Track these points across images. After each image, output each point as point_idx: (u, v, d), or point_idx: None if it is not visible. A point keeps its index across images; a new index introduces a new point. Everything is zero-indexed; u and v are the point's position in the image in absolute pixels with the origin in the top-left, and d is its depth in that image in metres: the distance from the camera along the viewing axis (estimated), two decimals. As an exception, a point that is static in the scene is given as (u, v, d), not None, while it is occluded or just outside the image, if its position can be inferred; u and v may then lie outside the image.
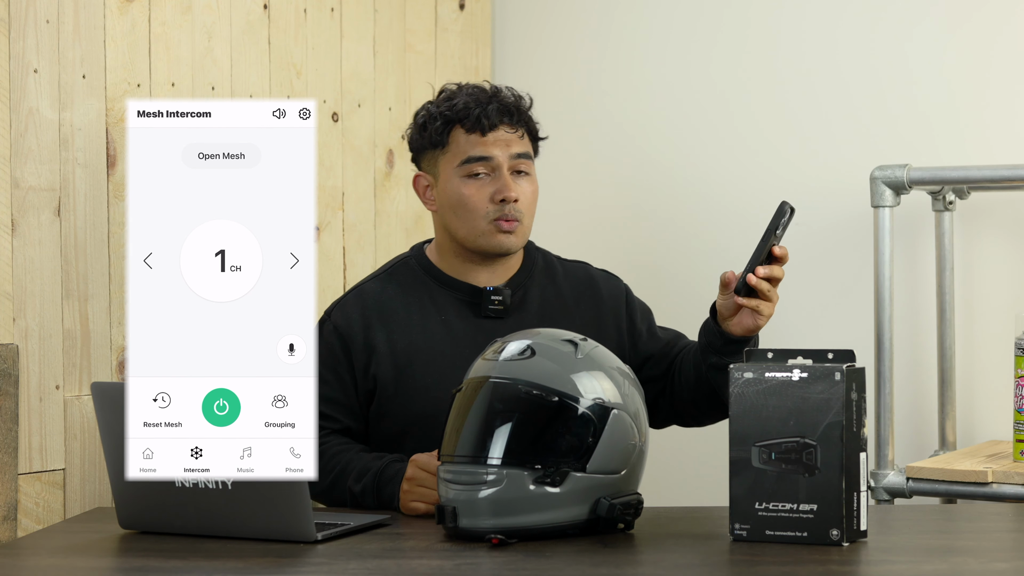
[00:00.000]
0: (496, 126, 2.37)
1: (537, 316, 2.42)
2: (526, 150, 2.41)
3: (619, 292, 2.50)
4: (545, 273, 2.48)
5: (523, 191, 2.39)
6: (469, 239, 2.39)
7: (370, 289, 2.46)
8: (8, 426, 2.33)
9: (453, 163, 2.39)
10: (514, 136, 2.39)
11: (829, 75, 3.03)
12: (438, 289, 2.43)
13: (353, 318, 2.42)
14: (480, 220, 2.38)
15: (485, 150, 2.37)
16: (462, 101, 2.38)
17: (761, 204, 3.09)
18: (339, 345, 2.41)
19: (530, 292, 2.45)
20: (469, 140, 2.38)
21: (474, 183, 2.38)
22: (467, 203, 2.38)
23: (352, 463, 2.32)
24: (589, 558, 1.88)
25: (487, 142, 2.37)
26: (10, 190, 2.35)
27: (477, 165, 2.37)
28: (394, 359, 2.39)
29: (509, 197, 2.36)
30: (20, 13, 2.36)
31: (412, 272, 2.46)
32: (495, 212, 2.37)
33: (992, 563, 1.86)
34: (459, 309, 2.41)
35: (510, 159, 2.38)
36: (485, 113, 2.37)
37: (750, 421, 1.94)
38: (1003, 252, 2.88)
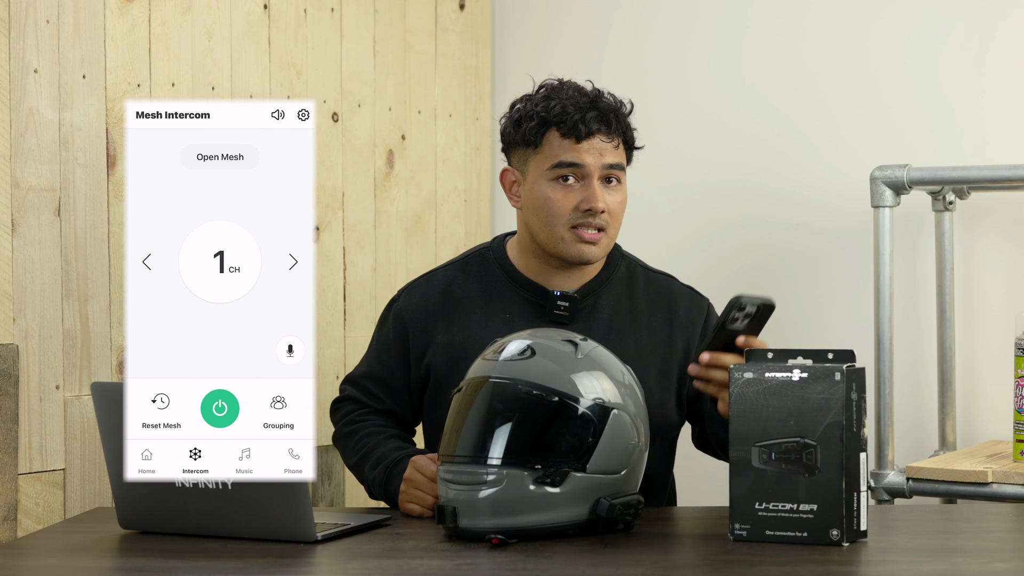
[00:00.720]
0: (592, 134, 2.31)
1: (605, 326, 2.36)
2: (619, 160, 2.34)
3: (698, 312, 2.43)
4: (624, 282, 2.42)
5: (611, 201, 2.32)
6: (549, 243, 2.34)
7: (440, 277, 2.43)
8: (8, 426, 2.33)
9: (544, 165, 2.33)
10: (609, 145, 2.32)
11: (829, 75, 3.03)
12: (508, 285, 2.39)
13: (417, 305, 2.41)
14: (562, 226, 2.32)
15: (578, 157, 2.31)
16: (560, 104, 2.32)
17: (761, 205, 3.09)
18: (399, 330, 2.40)
19: (602, 300, 2.39)
20: (563, 145, 2.32)
21: (562, 188, 2.32)
22: (552, 207, 2.32)
23: (376, 448, 2.33)
24: (589, 558, 1.88)
25: (580, 149, 2.31)
26: (10, 190, 2.35)
27: (568, 171, 2.31)
28: (450, 351, 2.36)
29: (596, 208, 2.30)
30: (20, 13, 2.36)
31: (487, 264, 2.43)
32: (578, 219, 2.31)
33: (992, 563, 1.86)
34: (525, 309, 2.37)
35: (602, 169, 2.31)
36: (583, 120, 2.30)
37: (750, 421, 1.94)
38: (1003, 252, 2.88)
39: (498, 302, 2.38)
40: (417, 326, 2.39)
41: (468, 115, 3.26)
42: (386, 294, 3.04)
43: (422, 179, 3.13)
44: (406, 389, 2.42)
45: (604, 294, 2.39)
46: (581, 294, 2.37)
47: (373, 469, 2.31)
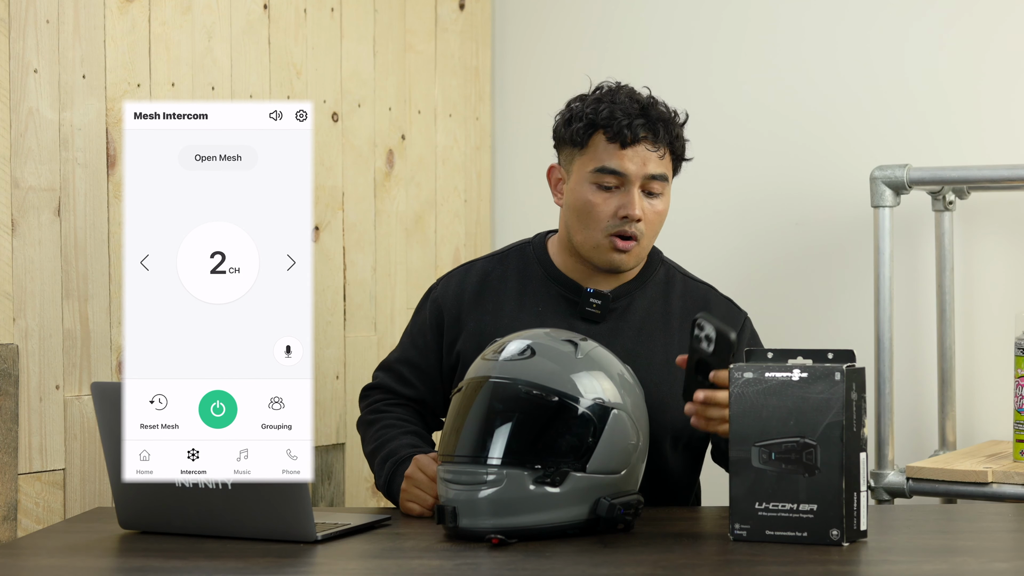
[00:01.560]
0: (638, 141, 2.30)
1: (636, 327, 2.37)
2: (663, 171, 2.33)
3: (733, 322, 2.41)
4: (661, 287, 2.42)
5: (649, 211, 2.32)
6: (584, 247, 2.35)
7: (479, 268, 2.46)
8: (8, 426, 2.33)
9: (587, 167, 2.33)
10: (654, 155, 2.31)
11: (829, 75, 3.03)
12: (543, 280, 2.40)
13: (453, 292, 2.43)
14: (598, 232, 2.32)
15: (620, 164, 2.30)
16: (609, 108, 2.31)
17: (761, 205, 3.09)
18: (435, 316, 2.43)
19: (636, 302, 2.39)
20: (607, 149, 2.31)
21: (602, 193, 2.32)
22: (590, 211, 2.32)
23: (390, 442, 2.35)
24: (589, 558, 1.88)
25: (624, 155, 2.30)
26: (10, 190, 2.35)
27: (609, 177, 2.31)
28: (479, 339, 2.35)
29: (632, 215, 2.30)
30: (20, 13, 2.36)
31: (525, 258, 2.44)
32: (614, 227, 2.31)
33: (992, 563, 1.86)
34: (557, 304, 2.38)
35: (643, 178, 2.31)
36: (629, 126, 2.30)
37: (750, 421, 1.94)
38: (1003, 252, 2.88)
39: (532, 295, 2.40)
40: (452, 313, 2.41)
41: (468, 115, 3.26)
42: (386, 294, 3.04)
43: (422, 179, 3.13)
44: (439, 375, 2.43)
45: (639, 296, 2.39)
46: (615, 295, 2.38)
47: (383, 463, 2.33)
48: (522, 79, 3.33)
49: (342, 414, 2.94)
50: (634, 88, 2.38)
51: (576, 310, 2.37)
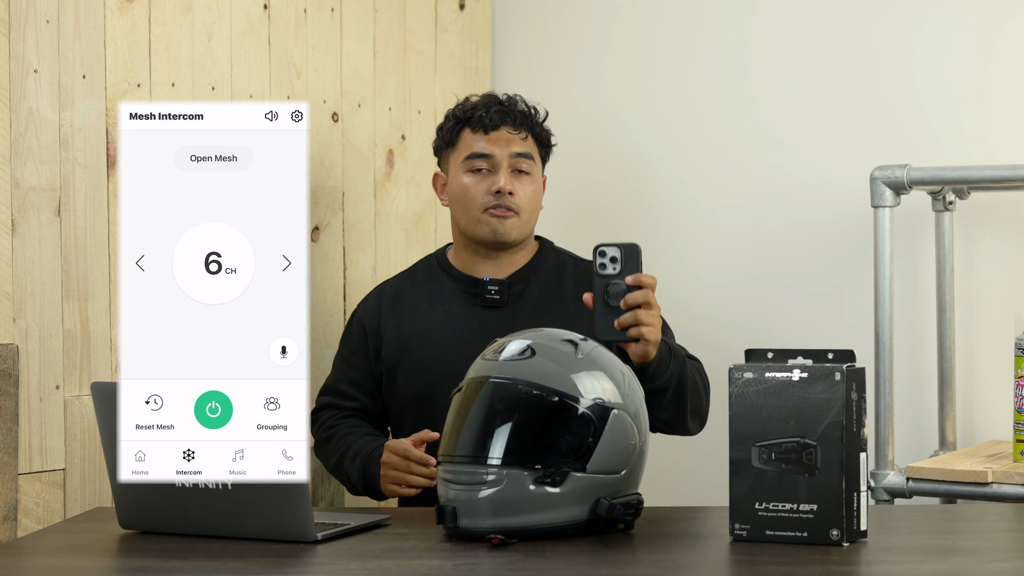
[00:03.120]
0: (498, 126, 2.57)
1: (534, 307, 2.57)
2: (527, 151, 2.58)
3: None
4: (553, 270, 2.63)
5: (520, 187, 2.56)
6: (468, 228, 2.57)
7: (390, 284, 2.68)
8: (8, 426, 2.33)
9: (459, 159, 2.59)
10: (516, 137, 2.58)
11: (828, 75, 3.03)
12: (447, 282, 2.62)
13: (372, 309, 2.64)
14: (476, 210, 2.55)
15: (486, 147, 2.57)
16: (472, 105, 2.60)
17: (761, 205, 3.09)
18: (360, 333, 2.64)
19: (531, 285, 2.60)
20: (474, 138, 2.58)
21: (475, 176, 2.57)
22: (467, 193, 2.56)
23: (353, 445, 2.51)
24: (589, 558, 1.88)
25: (489, 139, 2.57)
26: (10, 190, 2.35)
27: (478, 161, 2.56)
28: (398, 343, 2.59)
29: (504, 189, 2.54)
30: (20, 13, 2.36)
31: (430, 268, 2.67)
32: (490, 202, 2.55)
33: (992, 563, 1.86)
34: (462, 299, 2.59)
35: (510, 157, 2.57)
36: (487, 114, 2.57)
37: (750, 421, 1.94)
38: (1003, 252, 2.88)
39: (439, 296, 2.62)
40: (372, 326, 2.63)
41: (468, 115, 3.26)
42: (386, 294, 3.04)
43: (422, 179, 3.13)
44: (376, 386, 2.62)
45: (533, 280, 2.60)
46: (510, 281, 2.59)
47: (352, 463, 2.48)
48: (522, 79, 3.33)
49: (342, 414, 2.93)
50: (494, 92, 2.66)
51: (477, 300, 2.58)
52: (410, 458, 2.37)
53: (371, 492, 2.48)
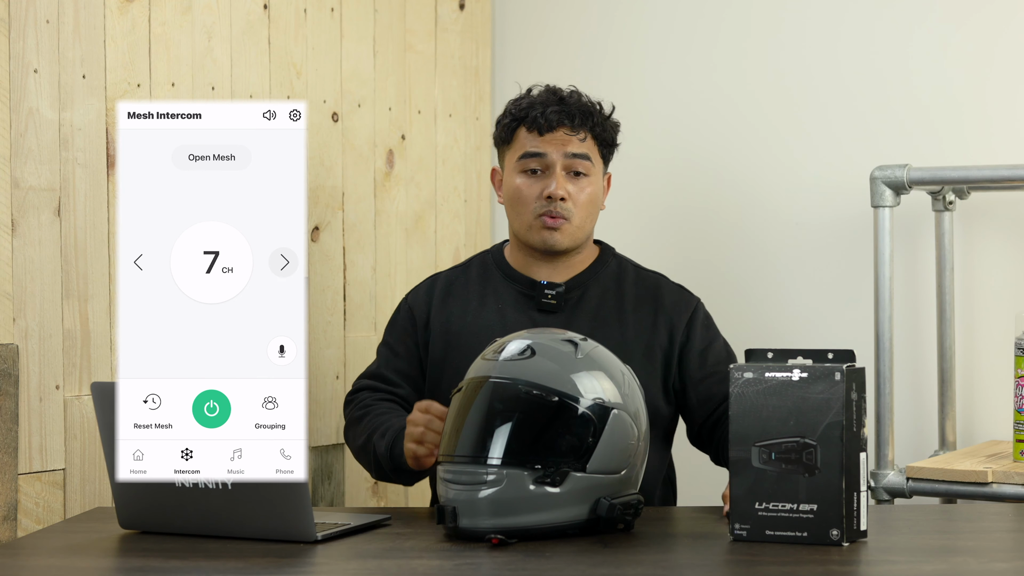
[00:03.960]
0: (555, 127, 2.45)
1: (591, 315, 2.46)
2: (584, 151, 2.46)
3: (685, 306, 2.50)
4: (613, 278, 2.52)
5: (575, 191, 2.45)
6: (520, 232, 2.49)
7: (443, 276, 2.59)
8: (8, 426, 2.33)
9: (514, 159, 2.48)
10: (573, 138, 2.45)
11: (829, 75, 3.03)
12: (502, 281, 2.52)
13: (423, 299, 2.55)
14: (528, 214, 2.45)
15: (539, 147, 2.45)
16: (528, 101, 2.48)
17: (761, 205, 3.09)
18: (409, 320, 2.54)
19: (590, 291, 2.49)
20: (529, 138, 2.46)
21: (528, 179, 2.46)
22: (519, 196, 2.46)
23: (385, 423, 2.39)
24: (589, 558, 1.88)
25: (543, 140, 2.45)
26: (10, 190, 2.35)
27: (531, 161, 2.45)
28: (446, 339, 2.49)
29: (555, 195, 2.43)
30: (20, 13, 2.36)
31: (485, 264, 2.57)
32: (542, 208, 2.44)
33: (992, 563, 1.86)
34: (517, 300, 2.49)
35: (564, 158, 2.44)
36: (544, 114, 2.45)
37: (750, 421, 1.94)
38: (1003, 252, 2.88)
39: (492, 295, 2.51)
40: (421, 317, 2.52)
41: (468, 115, 3.26)
42: (386, 294, 3.04)
43: (422, 179, 3.13)
44: (419, 375, 2.52)
45: (592, 287, 2.50)
46: (568, 285, 2.48)
47: (381, 439, 2.36)
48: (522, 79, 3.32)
49: (342, 414, 2.93)
50: (558, 86, 2.52)
51: (533, 303, 2.48)
52: (432, 412, 2.24)
53: (396, 471, 2.33)
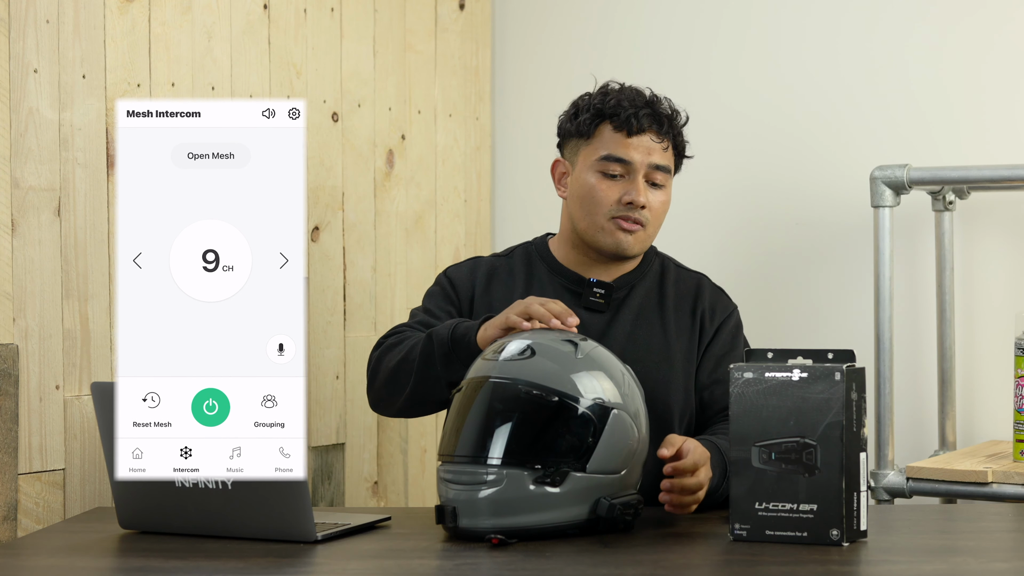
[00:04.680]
0: (643, 131, 2.37)
1: (634, 314, 2.42)
2: (666, 163, 2.39)
3: (722, 310, 2.47)
4: (657, 276, 2.48)
5: (653, 200, 2.38)
6: (589, 233, 2.40)
7: (486, 260, 2.51)
8: (8, 426, 2.32)
9: (593, 156, 2.39)
10: (658, 146, 2.38)
11: (829, 75, 3.03)
12: (547, 274, 2.46)
13: (465, 276, 2.47)
14: (603, 216, 2.37)
15: (626, 152, 2.37)
16: (616, 99, 2.39)
17: (761, 205, 3.09)
18: (449, 288, 2.45)
19: (635, 290, 2.45)
20: (614, 138, 2.38)
21: (607, 180, 2.37)
22: (596, 196, 2.37)
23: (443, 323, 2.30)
24: (589, 558, 1.88)
25: (630, 144, 2.37)
26: (10, 190, 2.34)
27: (615, 165, 2.37)
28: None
29: (637, 202, 2.36)
30: (20, 13, 2.36)
31: (529, 256, 2.49)
32: (619, 211, 2.37)
33: (992, 563, 1.86)
34: (561, 295, 2.42)
35: (648, 167, 2.37)
36: (636, 115, 2.37)
37: (750, 421, 1.94)
38: (1003, 252, 2.88)
39: (537, 288, 2.43)
40: (466, 293, 2.44)
41: (468, 115, 3.26)
42: (386, 294, 3.04)
43: (422, 179, 3.13)
44: None
45: (638, 286, 2.45)
46: (616, 284, 2.43)
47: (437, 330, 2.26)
48: (522, 79, 3.33)
49: (342, 414, 2.94)
50: (639, 87, 2.44)
51: (580, 300, 2.41)
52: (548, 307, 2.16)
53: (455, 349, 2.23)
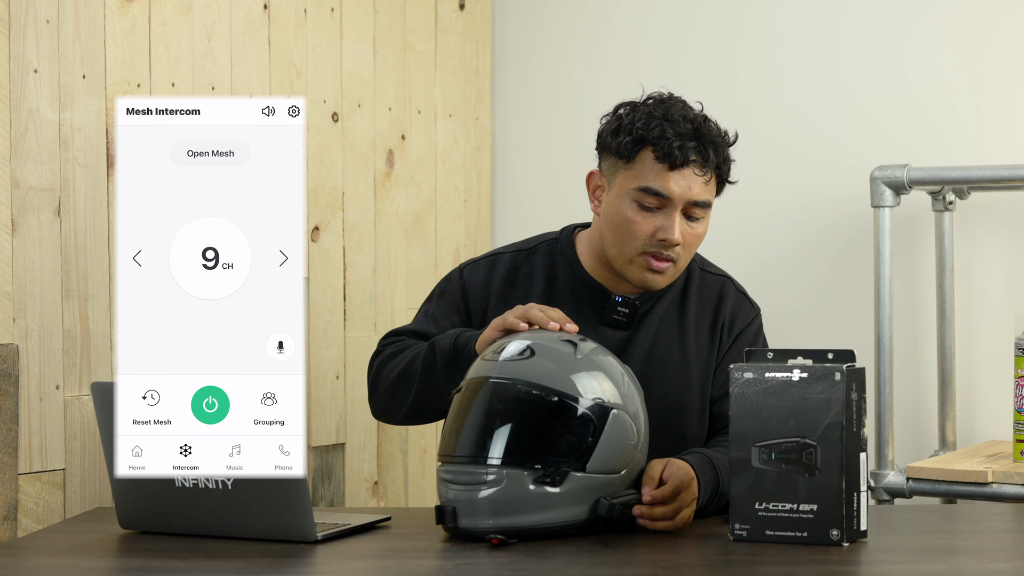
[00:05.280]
0: (687, 164, 2.23)
1: (654, 331, 2.34)
2: (707, 198, 2.26)
3: (743, 318, 2.40)
4: (680, 284, 2.38)
5: (688, 234, 2.27)
6: (617, 261, 2.29)
7: (506, 259, 2.40)
8: (8, 426, 2.32)
9: (631, 184, 2.26)
10: (700, 179, 2.24)
11: (829, 75, 3.03)
12: (570, 280, 2.36)
13: (481, 282, 2.38)
14: (633, 249, 2.26)
15: (665, 186, 2.23)
16: (661, 125, 2.24)
17: (761, 204, 3.09)
18: (460, 296, 2.38)
19: (658, 304, 2.35)
20: (654, 169, 2.24)
21: (643, 212, 2.25)
22: (628, 228, 2.26)
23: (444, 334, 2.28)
24: (589, 558, 1.88)
25: (670, 178, 2.23)
26: (10, 190, 2.34)
27: (652, 198, 2.24)
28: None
29: (671, 240, 2.24)
30: (20, 13, 2.36)
31: (553, 256, 2.39)
32: (650, 246, 2.25)
33: (992, 563, 1.86)
34: (583, 307, 2.33)
35: (686, 203, 2.25)
36: (681, 147, 2.22)
37: (750, 421, 1.94)
38: (1003, 252, 2.88)
39: (558, 297, 2.34)
40: (479, 303, 2.37)
41: (468, 115, 3.26)
42: (386, 294, 3.04)
43: (422, 179, 3.13)
44: None
45: (661, 300, 2.36)
46: (640, 300, 2.33)
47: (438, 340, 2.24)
48: (522, 79, 3.33)
49: (342, 414, 2.94)
50: (687, 102, 2.31)
51: (602, 316, 2.33)
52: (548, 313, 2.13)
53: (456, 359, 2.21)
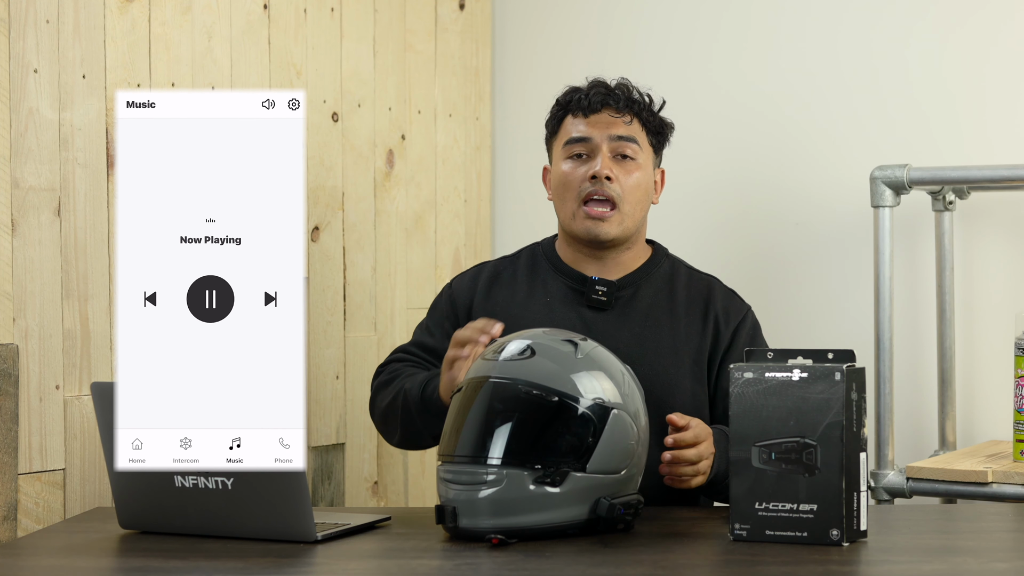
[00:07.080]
0: (599, 109, 2.41)
1: (643, 314, 2.42)
2: (630, 134, 2.41)
3: (735, 312, 2.46)
4: (665, 278, 2.47)
5: (621, 173, 2.39)
6: (566, 222, 2.43)
7: (490, 267, 2.54)
8: (8, 426, 2.33)
9: (560, 146, 2.44)
10: (618, 120, 2.41)
11: (829, 75, 3.03)
12: (552, 274, 2.47)
13: (467, 286, 2.50)
14: (573, 201, 2.40)
15: (585, 131, 2.41)
16: (574, 88, 2.46)
17: (761, 204, 3.09)
18: (449, 305, 2.49)
19: (642, 291, 2.44)
20: (574, 123, 2.43)
21: (573, 162, 2.41)
22: (564, 181, 2.41)
23: (419, 375, 2.37)
24: (589, 558, 1.88)
25: (588, 123, 2.41)
26: (10, 190, 2.35)
27: (577, 145, 2.41)
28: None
29: (599, 174, 2.37)
30: (20, 13, 2.36)
31: (535, 256, 2.52)
32: (587, 189, 2.38)
33: (992, 563, 1.86)
34: (565, 295, 2.44)
35: (610, 140, 2.40)
36: (588, 95, 2.42)
37: (750, 421, 1.94)
38: (1003, 252, 2.88)
39: (540, 288, 2.46)
40: (464, 304, 2.48)
41: (468, 115, 3.26)
42: (386, 294, 3.04)
43: (422, 179, 3.13)
44: None
45: (644, 286, 2.45)
46: (620, 283, 2.43)
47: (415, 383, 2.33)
48: (522, 79, 3.33)
49: (342, 414, 2.94)
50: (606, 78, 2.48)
51: (583, 299, 2.42)
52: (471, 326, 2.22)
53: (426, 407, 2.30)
